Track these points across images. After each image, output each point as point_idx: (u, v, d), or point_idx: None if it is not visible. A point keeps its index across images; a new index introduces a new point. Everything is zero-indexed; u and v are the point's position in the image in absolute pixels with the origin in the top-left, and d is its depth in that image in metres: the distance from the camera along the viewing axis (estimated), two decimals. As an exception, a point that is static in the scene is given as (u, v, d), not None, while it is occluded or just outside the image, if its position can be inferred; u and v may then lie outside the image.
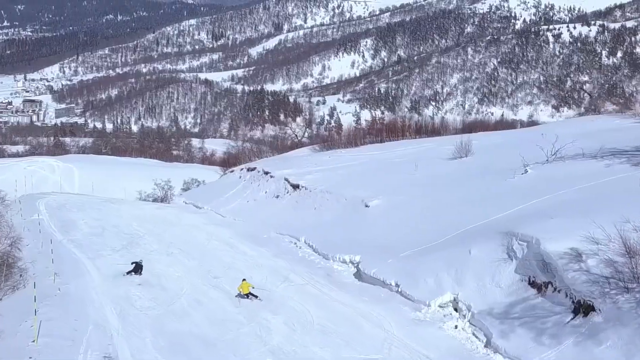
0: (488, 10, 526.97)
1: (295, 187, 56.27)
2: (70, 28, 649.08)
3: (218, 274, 36.83)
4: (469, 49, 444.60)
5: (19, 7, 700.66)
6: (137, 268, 36.19)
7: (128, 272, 35.96)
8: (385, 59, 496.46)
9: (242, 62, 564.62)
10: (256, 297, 31.73)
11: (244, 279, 33.38)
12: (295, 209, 52.79)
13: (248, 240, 47.30)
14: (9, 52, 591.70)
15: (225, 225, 54.66)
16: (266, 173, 63.92)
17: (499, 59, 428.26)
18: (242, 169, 72.87)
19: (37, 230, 48.31)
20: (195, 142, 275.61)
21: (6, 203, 51.78)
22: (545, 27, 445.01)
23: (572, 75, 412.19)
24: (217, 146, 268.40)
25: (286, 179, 58.60)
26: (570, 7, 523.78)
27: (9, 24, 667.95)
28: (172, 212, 64.44)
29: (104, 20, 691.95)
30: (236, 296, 32.39)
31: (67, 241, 45.67)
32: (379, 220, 41.44)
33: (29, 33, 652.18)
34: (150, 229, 52.46)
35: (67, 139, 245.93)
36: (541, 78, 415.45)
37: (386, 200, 44.24)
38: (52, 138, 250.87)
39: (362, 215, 43.85)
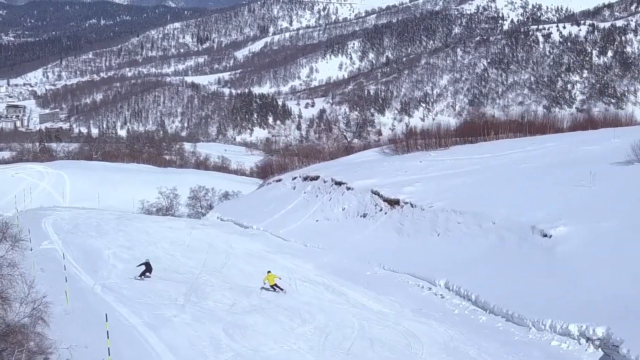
0: (475, 11, 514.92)
1: (393, 203, 41.84)
2: (53, 33, 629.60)
3: (359, 353, 22.42)
4: (458, 49, 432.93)
5: (1, 12, 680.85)
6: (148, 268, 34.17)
7: (141, 275, 33.71)
8: (374, 61, 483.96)
9: (228, 65, 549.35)
10: (282, 289, 31.53)
11: (269, 271, 32.98)
12: (401, 234, 38.47)
13: (349, 281, 33.21)
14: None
15: (299, 255, 40.59)
16: (339, 183, 49.61)
17: (488, 60, 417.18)
18: (294, 178, 58.54)
19: (54, 268, 33.88)
20: (187, 146, 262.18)
21: (20, 244, 36.87)
22: (535, 27, 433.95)
23: (562, 75, 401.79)
24: (210, 150, 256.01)
25: (375, 192, 44.23)
26: (557, 7, 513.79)
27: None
28: (215, 234, 50.25)
29: (87, 24, 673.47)
30: (261, 288, 32.09)
31: (103, 289, 31.16)
32: (586, 261, 26.83)
33: (11, 38, 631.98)
34: (203, 262, 38.30)
35: (54, 144, 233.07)
36: (532, 78, 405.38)
37: (582, 229, 29.60)
38: (37, 144, 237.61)
39: (540, 251, 29.24)
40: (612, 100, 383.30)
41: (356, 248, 39.10)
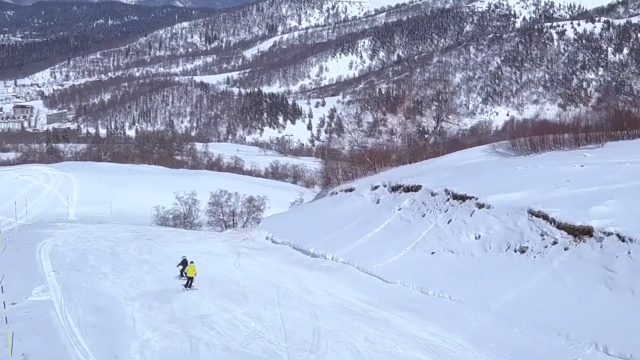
0: (487, 8, 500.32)
1: (580, 232, 26.23)
2: (61, 33, 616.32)
3: None
4: (471, 47, 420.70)
5: (8, 12, 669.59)
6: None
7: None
8: (384, 59, 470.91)
9: (236, 64, 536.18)
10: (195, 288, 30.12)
11: (191, 262, 31.59)
12: (614, 288, 22.96)
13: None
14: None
15: (426, 313, 26.29)
16: (460, 198, 34.03)
17: (502, 58, 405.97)
18: (375, 187, 43.37)
19: (47, 349, 19.81)
20: (199, 146, 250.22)
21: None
22: (549, 24, 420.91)
23: (577, 73, 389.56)
24: (222, 150, 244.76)
25: (538, 214, 28.74)
26: (570, 5, 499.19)
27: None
28: (273, 266, 35.87)
29: (94, 24, 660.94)
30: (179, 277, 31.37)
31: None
32: None
33: (19, 39, 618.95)
34: (282, 328, 23.84)
35: (61, 145, 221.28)
36: (546, 76, 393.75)
37: None
38: (44, 144, 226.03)
39: None
40: (629, 98, 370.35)
41: (525, 306, 24.17)
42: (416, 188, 39.32)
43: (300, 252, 39.30)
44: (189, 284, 30.19)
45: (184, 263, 32.48)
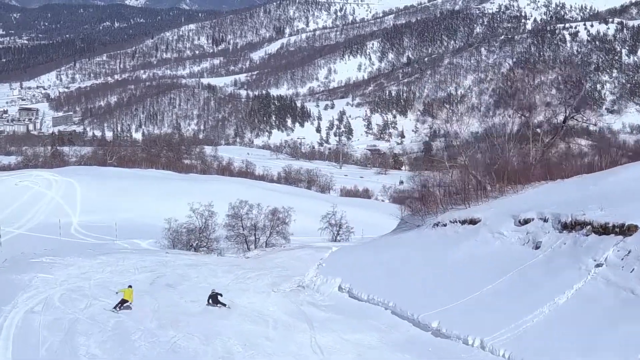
0: (497, 10, 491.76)
1: None
2: (67, 36, 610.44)
3: None
4: (483, 49, 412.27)
5: (14, 15, 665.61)
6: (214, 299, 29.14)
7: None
8: (394, 62, 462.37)
9: (244, 66, 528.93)
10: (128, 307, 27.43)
11: (129, 286, 28.51)
12: None
13: None
14: (4, 60, 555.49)
15: None
16: None
17: (514, 59, 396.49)
18: (525, 222, 27.93)
19: None
20: (208, 149, 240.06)
21: None
22: (561, 25, 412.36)
23: (591, 75, 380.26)
24: (232, 154, 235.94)
25: None
26: (581, 6, 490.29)
27: (4, 32, 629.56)
28: (381, 355, 22.60)
29: (100, 27, 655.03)
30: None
31: None
32: None
33: (25, 41, 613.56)
34: None
35: (66, 148, 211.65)
36: (559, 78, 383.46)
37: None
38: (49, 147, 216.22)
39: None
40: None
41: None
42: (624, 229, 23.19)
43: (411, 324, 24.99)
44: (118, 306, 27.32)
45: (214, 298, 29.28)
